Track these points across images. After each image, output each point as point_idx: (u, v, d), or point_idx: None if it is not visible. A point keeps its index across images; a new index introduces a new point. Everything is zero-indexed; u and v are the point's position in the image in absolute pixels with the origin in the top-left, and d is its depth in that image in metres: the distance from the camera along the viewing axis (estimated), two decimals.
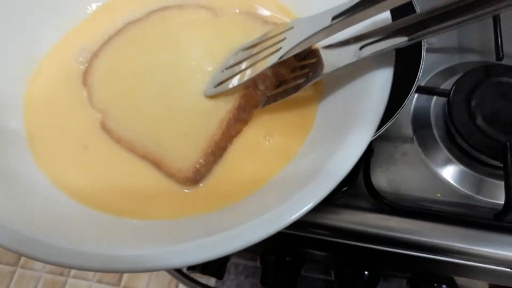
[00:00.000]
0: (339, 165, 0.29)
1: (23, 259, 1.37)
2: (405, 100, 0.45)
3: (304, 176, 0.30)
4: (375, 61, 0.34)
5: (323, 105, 0.39)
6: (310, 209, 0.28)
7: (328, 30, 0.31)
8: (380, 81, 0.33)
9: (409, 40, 0.30)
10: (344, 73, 0.35)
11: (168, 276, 1.16)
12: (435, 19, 0.29)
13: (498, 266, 0.46)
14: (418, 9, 0.48)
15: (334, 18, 0.30)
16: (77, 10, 0.45)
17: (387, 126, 0.44)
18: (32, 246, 0.27)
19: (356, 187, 0.51)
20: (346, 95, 0.36)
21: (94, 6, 0.46)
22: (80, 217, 0.33)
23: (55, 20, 0.43)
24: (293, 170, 0.34)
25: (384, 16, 0.32)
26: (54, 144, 0.37)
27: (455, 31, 0.62)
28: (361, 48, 0.32)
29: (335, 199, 0.50)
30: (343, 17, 0.29)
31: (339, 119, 0.34)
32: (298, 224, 0.48)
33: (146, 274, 1.25)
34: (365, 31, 0.32)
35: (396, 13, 0.33)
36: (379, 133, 0.44)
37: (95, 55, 0.42)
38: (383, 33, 0.31)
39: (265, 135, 0.38)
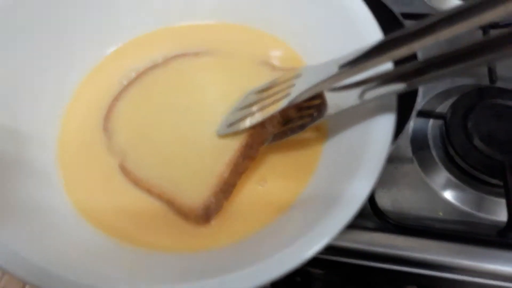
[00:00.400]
0: (343, 211, 0.29)
1: None
2: (404, 124, 0.47)
3: (306, 223, 0.31)
4: (377, 106, 0.35)
5: (327, 148, 0.40)
6: (319, 249, 0.28)
7: (334, 78, 0.32)
8: (383, 127, 0.34)
9: (407, 87, 0.31)
10: (348, 117, 0.37)
11: None
12: (432, 66, 0.30)
13: (502, 282, 0.47)
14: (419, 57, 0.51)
15: (341, 67, 0.31)
16: (94, 54, 0.47)
17: (389, 149, 0.46)
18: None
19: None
20: (350, 138, 0.37)
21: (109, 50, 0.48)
22: (106, 250, 0.34)
23: (75, 62, 0.46)
24: (296, 212, 0.36)
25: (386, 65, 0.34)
26: (82, 184, 0.39)
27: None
28: (363, 91, 0.33)
29: None
30: (350, 66, 0.31)
31: (342, 164, 0.36)
32: None
33: None
34: (367, 76, 0.33)
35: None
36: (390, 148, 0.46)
37: (115, 99, 0.44)
38: (383, 79, 0.32)
39: (260, 180, 0.40)
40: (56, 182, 0.39)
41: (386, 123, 0.34)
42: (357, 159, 0.32)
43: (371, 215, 0.51)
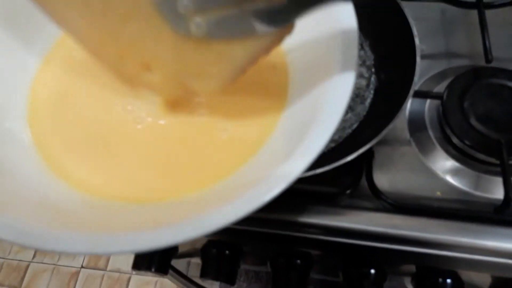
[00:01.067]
0: (299, 160, 0.30)
1: (26, 281, 1.36)
2: (402, 105, 0.47)
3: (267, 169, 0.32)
4: (338, 63, 0.34)
5: (290, 101, 0.40)
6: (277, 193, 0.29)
7: None
8: (343, 81, 0.33)
9: None
10: (310, 72, 0.37)
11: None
12: None
13: (500, 258, 0.48)
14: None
15: None
16: None
17: (387, 130, 0.46)
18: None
19: (358, 189, 0.53)
20: (311, 92, 0.37)
21: None
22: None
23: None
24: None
25: None
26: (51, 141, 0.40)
27: (442, 37, 0.65)
28: None
29: (339, 201, 0.52)
30: None
31: (302, 118, 0.36)
32: (305, 226, 0.50)
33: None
34: None
35: None
36: (379, 137, 0.46)
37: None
38: None
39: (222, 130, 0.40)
40: (25, 139, 0.39)
41: (346, 78, 0.33)
42: (316, 112, 0.33)
43: (370, 196, 0.52)
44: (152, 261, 0.59)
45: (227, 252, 0.55)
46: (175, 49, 0.32)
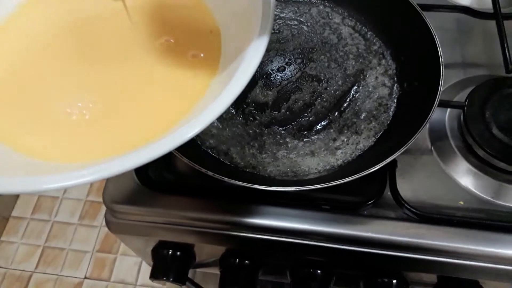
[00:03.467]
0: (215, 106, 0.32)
1: None
2: (427, 115, 0.47)
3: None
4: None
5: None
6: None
7: None
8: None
9: None
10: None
11: None
12: None
13: None
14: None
15: None
16: None
17: (412, 141, 0.46)
18: None
19: (381, 199, 0.52)
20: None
21: None
22: None
23: None
24: None
25: None
26: None
27: (459, 47, 0.65)
28: None
29: (363, 210, 0.52)
30: None
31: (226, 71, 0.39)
32: (328, 236, 0.50)
33: None
34: None
35: None
36: (404, 148, 0.46)
37: None
38: None
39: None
40: None
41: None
42: (234, 71, 0.35)
43: (393, 205, 0.51)
44: (169, 271, 0.58)
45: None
46: None
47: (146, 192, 0.54)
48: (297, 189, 0.43)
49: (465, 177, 0.54)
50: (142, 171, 0.55)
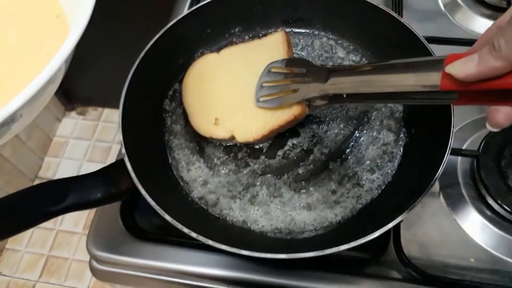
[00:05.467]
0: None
1: None
2: (437, 170, 0.43)
3: None
4: None
5: None
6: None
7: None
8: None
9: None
10: None
11: None
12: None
13: None
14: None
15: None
16: None
17: (419, 201, 0.42)
18: None
19: (385, 255, 0.48)
20: None
21: None
22: None
23: None
24: None
25: None
26: None
27: None
28: None
29: (366, 268, 0.48)
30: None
31: None
32: None
33: None
34: None
35: None
36: (409, 210, 0.41)
37: None
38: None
39: None
40: None
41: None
42: None
43: (397, 263, 0.47)
44: None
45: None
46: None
47: (132, 241, 0.50)
48: (289, 256, 0.39)
49: (477, 230, 0.50)
50: (128, 217, 0.52)
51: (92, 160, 1.53)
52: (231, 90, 0.53)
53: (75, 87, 1.54)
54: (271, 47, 0.54)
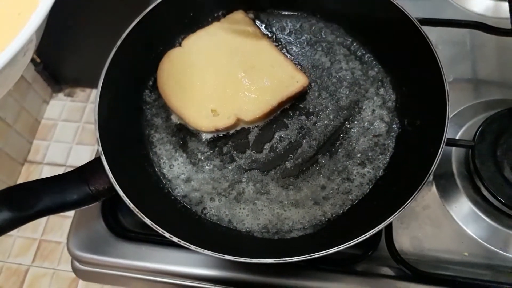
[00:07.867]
0: None
1: (25, 285, 1.32)
2: (431, 165, 0.40)
3: None
4: None
5: None
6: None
7: None
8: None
9: None
10: None
11: None
12: None
13: None
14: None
15: None
16: None
17: (412, 199, 0.40)
18: None
19: (377, 251, 0.47)
20: None
21: None
22: None
23: None
24: None
25: None
26: None
27: (471, 64, 0.57)
28: None
29: (356, 265, 0.46)
30: None
31: None
32: None
33: None
34: None
35: None
36: (404, 207, 0.39)
37: None
38: None
39: None
40: None
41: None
42: None
43: (389, 259, 0.45)
44: None
45: None
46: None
47: (114, 241, 0.49)
48: (275, 261, 0.37)
49: (471, 223, 0.48)
50: (111, 216, 0.50)
51: (82, 143, 1.50)
52: (215, 77, 0.51)
53: (62, 67, 1.49)
54: (238, 26, 0.53)
